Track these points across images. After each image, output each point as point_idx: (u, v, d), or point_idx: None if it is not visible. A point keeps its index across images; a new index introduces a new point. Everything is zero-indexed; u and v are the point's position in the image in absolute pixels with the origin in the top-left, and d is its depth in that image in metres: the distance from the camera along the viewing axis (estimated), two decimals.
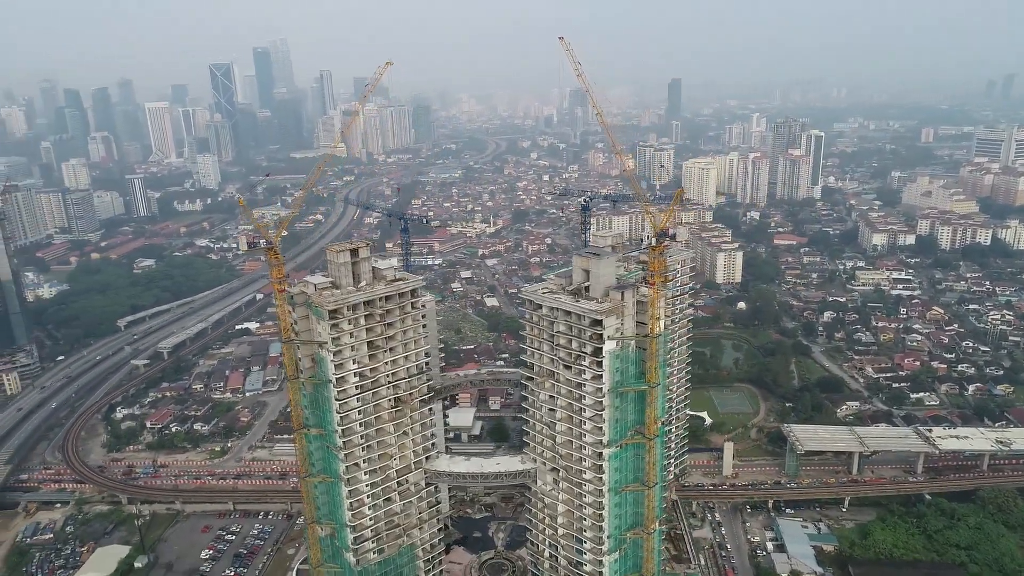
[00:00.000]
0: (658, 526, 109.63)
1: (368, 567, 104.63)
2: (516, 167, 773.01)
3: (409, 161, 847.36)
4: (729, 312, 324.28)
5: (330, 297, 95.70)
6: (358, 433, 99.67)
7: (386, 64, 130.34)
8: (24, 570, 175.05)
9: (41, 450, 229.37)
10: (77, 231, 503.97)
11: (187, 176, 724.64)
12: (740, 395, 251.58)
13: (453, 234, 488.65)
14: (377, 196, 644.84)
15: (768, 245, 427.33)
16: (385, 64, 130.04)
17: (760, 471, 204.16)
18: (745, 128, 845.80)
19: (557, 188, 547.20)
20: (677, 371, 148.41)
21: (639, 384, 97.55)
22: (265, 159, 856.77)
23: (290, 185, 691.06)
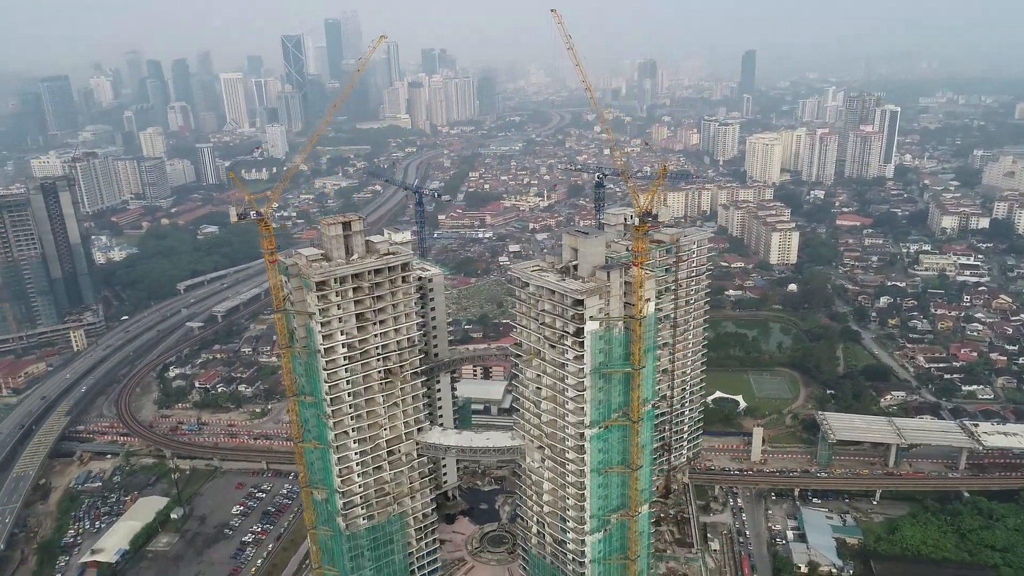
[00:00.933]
0: (646, 509, 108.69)
1: (358, 532, 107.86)
2: (578, 140, 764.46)
3: (471, 133, 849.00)
4: (779, 294, 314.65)
5: (319, 269, 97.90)
6: (347, 402, 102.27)
7: (380, 38, 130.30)
8: (73, 514, 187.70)
9: (99, 404, 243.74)
10: (150, 197, 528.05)
11: (256, 145, 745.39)
12: (780, 380, 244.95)
13: (506, 207, 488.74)
14: (436, 168, 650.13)
15: (829, 226, 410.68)
16: (379, 38, 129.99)
17: (791, 458, 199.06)
18: (820, 102, 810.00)
19: (573, 164, 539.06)
20: (692, 353, 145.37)
21: (624, 366, 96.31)
22: (332, 130, 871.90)
23: (353, 156, 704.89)
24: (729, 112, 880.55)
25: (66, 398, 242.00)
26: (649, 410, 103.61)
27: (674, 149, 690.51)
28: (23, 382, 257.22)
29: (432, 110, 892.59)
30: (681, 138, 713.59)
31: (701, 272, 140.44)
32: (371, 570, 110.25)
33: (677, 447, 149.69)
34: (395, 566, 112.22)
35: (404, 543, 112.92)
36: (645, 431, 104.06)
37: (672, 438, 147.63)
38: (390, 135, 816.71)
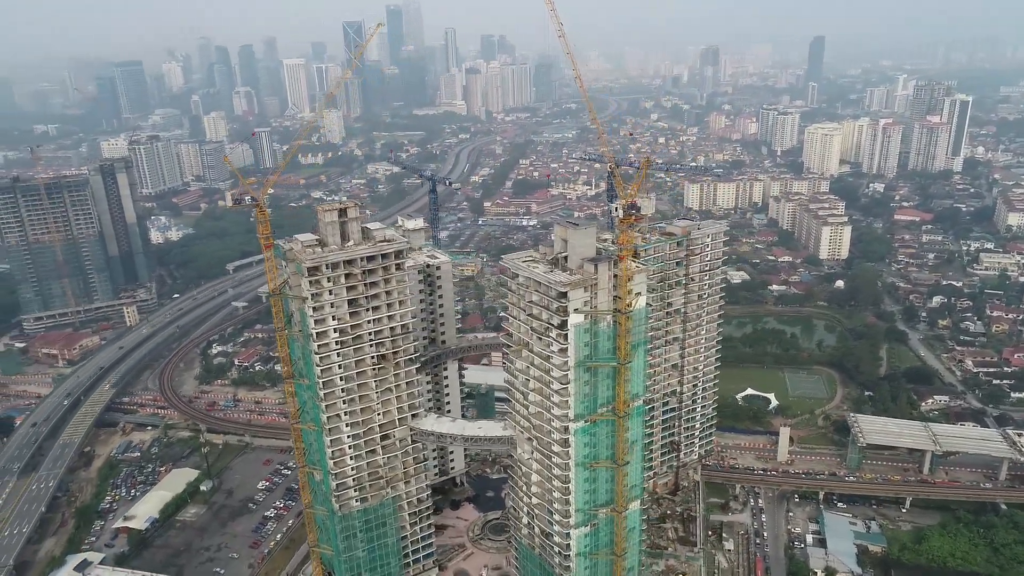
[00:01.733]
0: (637, 506, 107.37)
1: (350, 513, 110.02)
2: (633, 129, 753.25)
3: (526, 120, 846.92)
4: (825, 290, 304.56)
5: (311, 254, 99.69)
6: (339, 386, 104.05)
7: (377, 26, 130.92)
8: (111, 482, 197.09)
9: (145, 378, 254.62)
10: (209, 180, 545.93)
11: (314, 130, 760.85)
12: (817, 379, 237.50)
13: (554, 195, 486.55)
14: (488, 154, 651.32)
15: (887, 220, 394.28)
16: (376, 26, 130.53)
17: (819, 460, 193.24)
18: (889, 91, 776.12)
19: (587, 154, 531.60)
20: (705, 348, 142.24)
21: (610, 360, 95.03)
22: (389, 115, 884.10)
23: (407, 142, 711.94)
24: (793, 101, 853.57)
25: (114, 371, 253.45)
26: (639, 406, 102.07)
27: (731, 138, 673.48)
28: (78, 354, 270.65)
29: (488, 97, 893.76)
30: (739, 127, 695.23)
31: (715, 266, 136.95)
32: (364, 551, 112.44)
33: (688, 444, 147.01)
34: (388, 548, 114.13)
35: (398, 527, 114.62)
36: (635, 427, 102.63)
37: (683, 434, 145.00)
38: (445, 121, 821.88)
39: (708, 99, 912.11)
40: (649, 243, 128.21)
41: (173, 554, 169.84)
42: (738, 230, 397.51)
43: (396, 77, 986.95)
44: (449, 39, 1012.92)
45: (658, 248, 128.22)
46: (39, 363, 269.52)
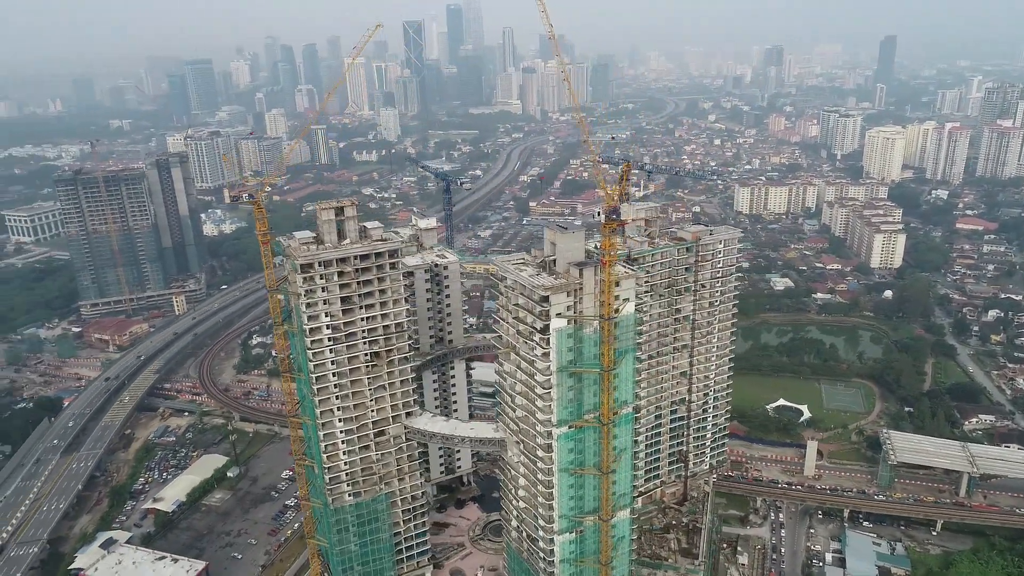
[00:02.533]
0: (626, 515, 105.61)
1: (343, 507, 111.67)
2: (689, 130, 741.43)
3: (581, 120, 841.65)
4: (872, 300, 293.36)
5: (304, 252, 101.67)
6: (332, 382, 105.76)
7: (376, 27, 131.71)
8: (146, 464, 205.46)
9: (188, 365, 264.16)
10: (266, 175, 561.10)
11: (372, 128, 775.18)
12: (854, 392, 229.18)
13: (601, 196, 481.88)
14: (539, 154, 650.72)
15: (947, 229, 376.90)
16: (375, 27, 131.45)
17: (848, 476, 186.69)
18: (962, 93, 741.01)
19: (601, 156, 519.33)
20: (717, 357, 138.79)
21: (594, 366, 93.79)
22: (445, 114, 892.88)
23: (461, 140, 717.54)
24: (859, 103, 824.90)
25: (159, 357, 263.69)
26: (627, 413, 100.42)
27: (790, 141, 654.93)
28: (127, 340, 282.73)
29: (544, 96, 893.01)
30: (799, 129, 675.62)
31: (728, 273, 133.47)
32: (356, 545, 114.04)
33: (698, 454, 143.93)
34: (381, 544, 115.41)
35: (391, 523, 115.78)
36: (623, 435, 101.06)
37: (692, 444, 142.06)
38: (500, 120, 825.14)
39: (769, 100, 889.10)
40: (656, 248, 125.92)
41: (196, 536, 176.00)
42: (787, 236, 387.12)
43: (454, 76, 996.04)
44: (507, 38, 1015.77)
45: (665, 253, 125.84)
46: (92, 347, 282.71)
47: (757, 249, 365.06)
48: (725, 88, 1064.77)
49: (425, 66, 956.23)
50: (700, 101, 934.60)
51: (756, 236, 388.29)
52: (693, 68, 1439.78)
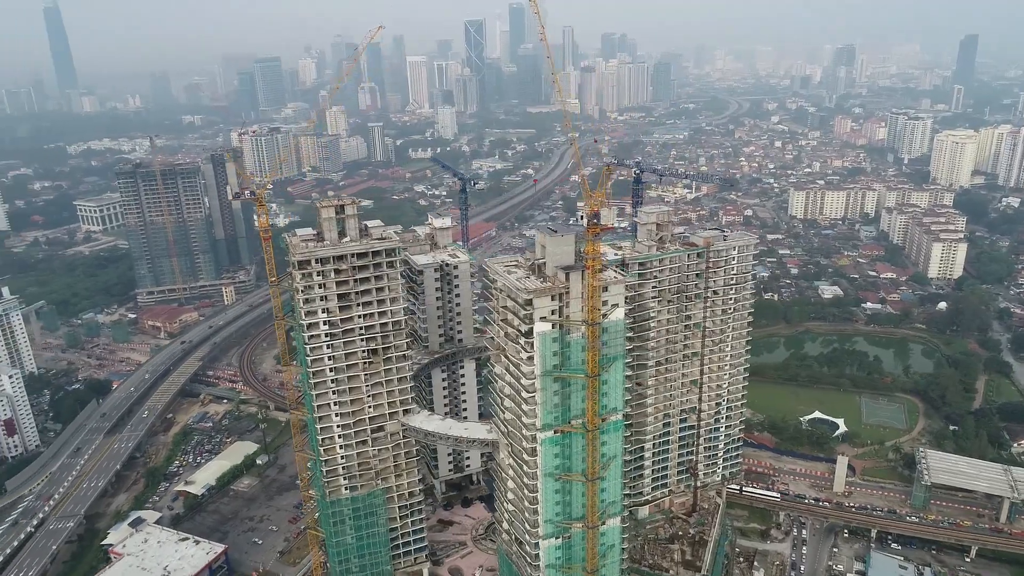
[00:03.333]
0: (616, 523, 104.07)
1: (339, 500, 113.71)
2: (750, 131, 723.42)
3: (640, 120, 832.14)
4: (926, 312, 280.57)
5: (301, 249, 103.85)
6: (329, 377, 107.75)
7: (378, 28, 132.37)
8: (183, 448, 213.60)
9: (231, 354, 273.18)
10: (324, 170, 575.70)
11: (430, 126, 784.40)
12: (897, 408, 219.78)
13: (650, 197, 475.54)
14: (593, 154, 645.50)
15: (1016, 239, 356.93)
16: (377, 28, 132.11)
17: (881, 495, 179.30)
18: None
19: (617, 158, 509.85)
20: (730, 366, 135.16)
21: (579, 371, 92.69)
22: (503, 113, 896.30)
23: (515, 139, 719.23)
24: (934, 105, 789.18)
25: (204, 345, 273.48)
26: (616, 421, 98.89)
27: (855, 144, 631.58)
28: (178, 327, 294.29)
29: (603, 95, 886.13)
30: (866, 132, 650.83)
31: (743, 280, 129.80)
32: (353, 538, 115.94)
33: (710, 464, 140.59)
34: (376, 538, 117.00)
35: (387, 518, 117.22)
36: (612, 442, 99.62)
37: (703, 454, 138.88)
38: (557, 119, 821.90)
39: (837, 101, 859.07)
40: (665, 252, 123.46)
41: (221, 520, 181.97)
42: (841, 242, 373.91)
43: (513, 75, 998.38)
44: (566, 37, 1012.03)
45: (674, 259, 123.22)
46: (144, 333, 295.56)
47: (808, 255, 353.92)
48: (792, 88, 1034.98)
49: (485, 65, 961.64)
50: (764, 102, 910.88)
51: (808, 242, 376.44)
52: (761, 68, 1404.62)
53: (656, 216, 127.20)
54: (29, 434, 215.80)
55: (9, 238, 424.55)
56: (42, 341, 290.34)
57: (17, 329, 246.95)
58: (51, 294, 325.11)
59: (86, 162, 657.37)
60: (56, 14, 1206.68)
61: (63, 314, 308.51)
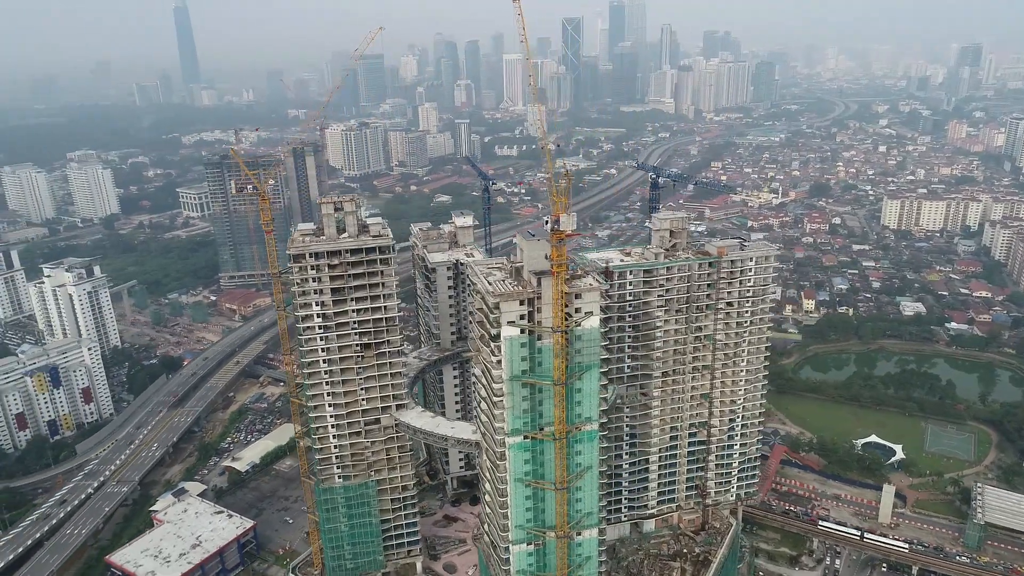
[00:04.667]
0: (593, 535, 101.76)
1: (332, 488, 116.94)
2: (854, 134, 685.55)
3: (736, 121, 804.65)
4: (1019, 336, 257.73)
5: (298, 243, 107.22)
6: (322, 368, 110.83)
7: (378, 29, 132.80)
8: (236, 426, 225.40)
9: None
10: (410, 165, 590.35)
11: (520, 123, 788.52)
12: (966, 437, 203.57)
13: (734, 201, 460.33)
14: (681, 155, 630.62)
15: None
16: (377, 29, 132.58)
17: (931, 531, 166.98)
18: None
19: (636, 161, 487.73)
20: (745, 381, 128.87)
21: (546, 378, 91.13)
22: (596, 111, 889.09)
23: (604, 138, 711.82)
24: None
25: (272, 328, 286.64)
26: (591, 431, 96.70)
27: (969, 150, 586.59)
28: (251, 311, 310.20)
29: (699, 95, 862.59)
30: (983, 138, 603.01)
31: (759, 292, 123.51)
32: (346, 526, 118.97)
33: (723, 483, 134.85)
34: (369, 528, 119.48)
35: (379, 509, 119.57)
36: (587, 451, 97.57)
37: (715, 471, 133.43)
38: (650, 119, 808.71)
39: (957, 104, 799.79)
40: (673, 260, 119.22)
41: (259, 497, 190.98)
42: (934, 256, 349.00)
43: (609, 73, 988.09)
44: (665, 35, 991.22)
45: (682, 267, 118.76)
46: (221, 315, 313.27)
47: (895, 268, 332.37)
48: (907, 90, 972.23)
49: (581, 63, 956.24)
50: (874, 104, 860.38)
51: (898, 254, 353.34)
52: (876, 68, 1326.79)
53: (669, 223, 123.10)
54: (104, 403, 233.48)
55: (119, 220, 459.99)
56: (131, 317, 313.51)
57: (104, 305, 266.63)
58: (145, 274, 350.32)
59: (196, 152, 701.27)
60: (184, 13, 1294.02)
61: (153, 293, 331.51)
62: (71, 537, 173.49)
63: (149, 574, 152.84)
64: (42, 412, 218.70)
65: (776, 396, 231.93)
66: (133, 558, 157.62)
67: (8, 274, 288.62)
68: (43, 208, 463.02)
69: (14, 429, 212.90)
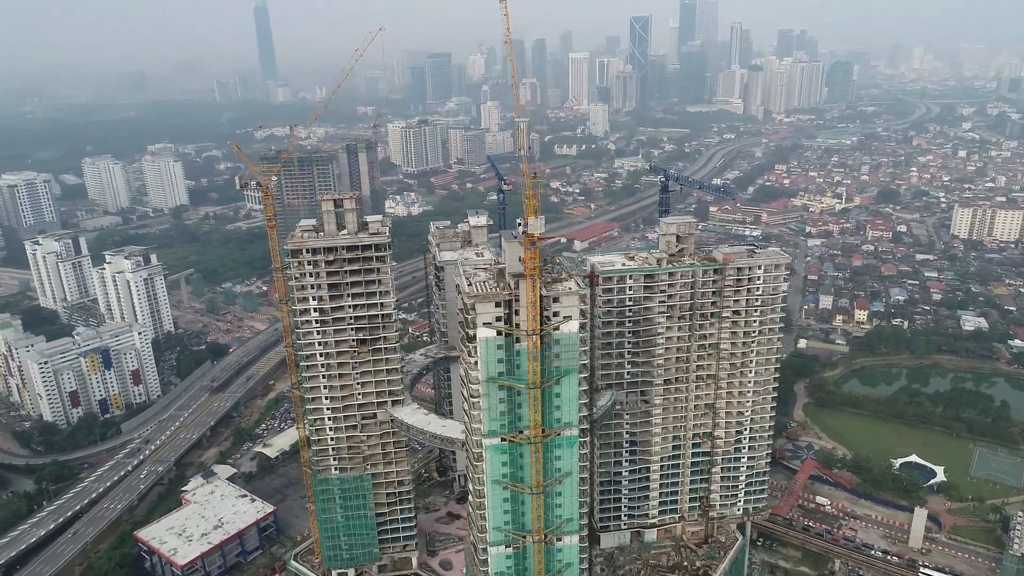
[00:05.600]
0: (573, 541, 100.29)
1: (328, 479, 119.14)
2: (933, 138, 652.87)
3: (807, 123, 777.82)
4: None
5: (298, 239, 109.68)
6: (319, 362, 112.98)
7: (377, 30, 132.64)
8: (272, 413, 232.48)
9: None
10: (468, 163, 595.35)
11: (583, 122, 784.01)
12: (1018, 462, 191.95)
13: (795, 206, 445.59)
14: (744, 157, 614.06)
15: None
16: (377, 30, 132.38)
17: (966, 559, 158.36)
18: None
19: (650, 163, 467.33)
20: (753, 393, 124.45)
21: (522, 381, 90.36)
22: (661, 111, 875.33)
23: (666, 139, 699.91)
24: None
25: None
26: (570, 436, 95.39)
27: None
28: None
29: (770, 95, 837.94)
30: None
31: (768, 302, 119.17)
32: (342, 517, 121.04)
33: (728, 496, 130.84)
34: (364, 520, 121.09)
35: (375, 503, 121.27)
36: (566, 457, 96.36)
37: (721, 484, 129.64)
38: (717, 120, 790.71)
39: None
40: (677, 266, 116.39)
41: (285, 483, 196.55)
42: (1006, 268, 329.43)
43: (676, 72, 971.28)
44: (735, 34, 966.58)
45: (684, 273, 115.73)
46: (271, 305, 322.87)
47: (960, 280, 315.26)
48: (998, 92, 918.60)
49: (648, 62, 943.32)
50: (959, 106, 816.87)
51: (965, 265, 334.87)
52: (967, 69, 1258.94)
53: (676, 227, 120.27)
54: (152, 384, 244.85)
55: (187, 211, 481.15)
56: (188, 304, 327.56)
57: (159, 291, 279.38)
58: (205, 263, 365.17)
59: (266, 147, 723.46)
60: (264, 13, 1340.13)
61: (210, 282, 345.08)
62: (107, 511, 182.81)
63: (171, 551, 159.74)
64: (94, 391, 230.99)
65: (814, 409, 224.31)
66: (158, 535, 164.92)
67: (76, 260, 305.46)
68: (119, 198, 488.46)
69: (68, 406, 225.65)
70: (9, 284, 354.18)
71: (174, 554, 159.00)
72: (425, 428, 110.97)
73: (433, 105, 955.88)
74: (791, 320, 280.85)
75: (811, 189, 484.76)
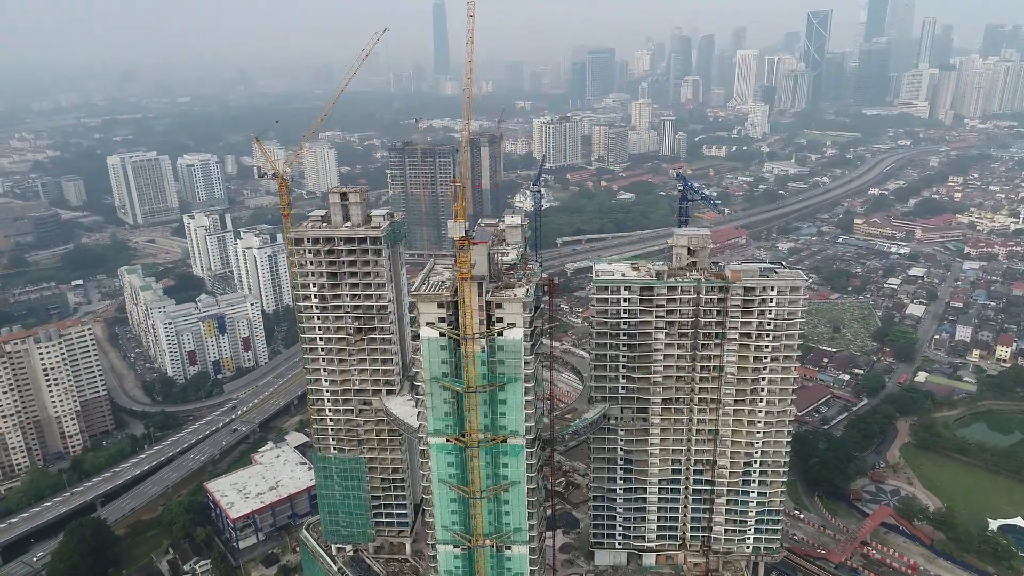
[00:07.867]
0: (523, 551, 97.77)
1: (328, 457, 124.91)
2: None
3: (1005, 130, 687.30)
4: None
5: (300, 228, 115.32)
6: (319, 346, 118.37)
7: (383, 30, 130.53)
8: None
9: None
10: (607, 160, 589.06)
11: (740, 123, 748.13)
12: None
13: (959, 223, 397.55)
14: (916, 166, 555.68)
15: None
16: (382, 30, 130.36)
17: None
18: None
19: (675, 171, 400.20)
20: (763, 422, 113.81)
21: (457, 383, 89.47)
22: (833, 113, 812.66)
23: (829, 143, 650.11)
24: None
25: None
26: (516, 444, 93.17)
27: None
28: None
29: (963, 98, 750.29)
30: None
31: (783, 327, 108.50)
32: (340, 495, 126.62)
33: (735, 530, 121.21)
34: (359, 501, 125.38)
35: (369, 486, 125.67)
36: (512, 465, 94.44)
37: (726, 516, 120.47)
38: (895, 124, 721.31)
39: None
40: (677, 281, 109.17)
41: None
42: None
43: (855, 72, 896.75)
44: (926, 30, 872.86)
45: (685, 288, 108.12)
46: None
47: None
48: None
49: (824, 60, 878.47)
50: None
51: None
52: None
53: (687, 239, 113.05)
54: (260, 351, 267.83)
55: None
56: None
57: (282, 267, 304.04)
58: None
59: (423, 137, 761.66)
60: (442, 9, 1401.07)
61: None
62: (192, 462, 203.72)
63: (229, 504, 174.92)
64: (209, 353, 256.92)
65: (914, 451, 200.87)
66: (222, 488, 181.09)
67: (221, 234, 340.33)
68: None
69: (186, 363, 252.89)
70: (175, 252, 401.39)
71: (231, 507, 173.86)
72: (406, 420, 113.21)
73: (591, 101, 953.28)
74: (915, 350, 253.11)
75: (985, 205, 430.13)
